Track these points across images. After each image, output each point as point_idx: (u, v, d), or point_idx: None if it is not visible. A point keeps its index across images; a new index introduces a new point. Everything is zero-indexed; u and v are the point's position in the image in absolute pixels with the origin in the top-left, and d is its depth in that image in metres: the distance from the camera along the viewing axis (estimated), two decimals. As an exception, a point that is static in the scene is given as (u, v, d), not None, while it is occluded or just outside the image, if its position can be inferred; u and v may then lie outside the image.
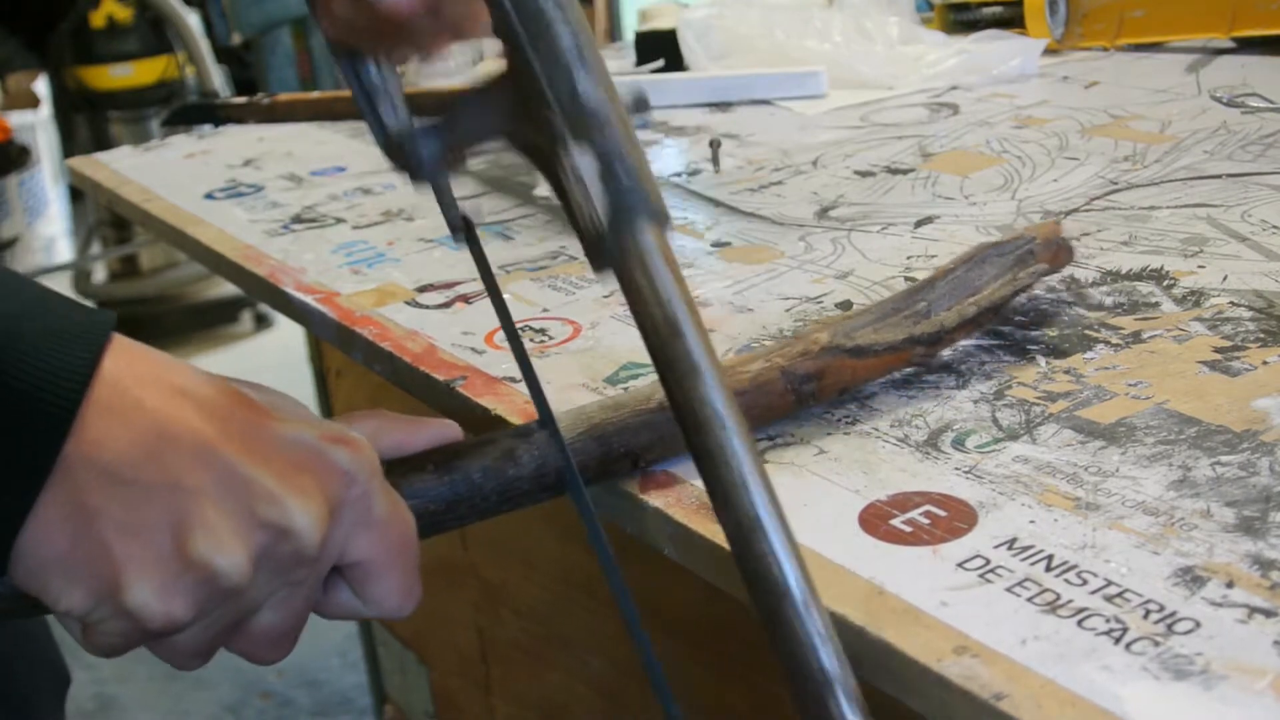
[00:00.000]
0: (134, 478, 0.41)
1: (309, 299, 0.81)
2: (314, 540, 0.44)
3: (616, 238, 0.45)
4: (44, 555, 0.41)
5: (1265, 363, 0.61)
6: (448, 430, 0.52)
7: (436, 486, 0.50)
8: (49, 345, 0.41)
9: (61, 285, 3.41)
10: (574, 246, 0.87)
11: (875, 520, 0.52)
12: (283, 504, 0.43)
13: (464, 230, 0.57)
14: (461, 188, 0.55)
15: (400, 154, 0.55)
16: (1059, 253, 0.69)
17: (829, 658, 0.39)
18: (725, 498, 0.42)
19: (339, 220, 0.97)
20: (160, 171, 1.17)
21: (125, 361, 0.42)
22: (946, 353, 0.65)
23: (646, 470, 0.57)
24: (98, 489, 0.41)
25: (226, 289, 3.21)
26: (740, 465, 0.42)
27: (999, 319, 0.67)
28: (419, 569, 0.48)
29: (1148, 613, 0.44)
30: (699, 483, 0.55)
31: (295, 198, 1.04)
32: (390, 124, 0.56)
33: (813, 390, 0.59)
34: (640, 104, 0.88)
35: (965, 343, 0.66)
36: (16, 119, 3.61)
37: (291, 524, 0.43)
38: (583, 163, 0.45)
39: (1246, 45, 1.25)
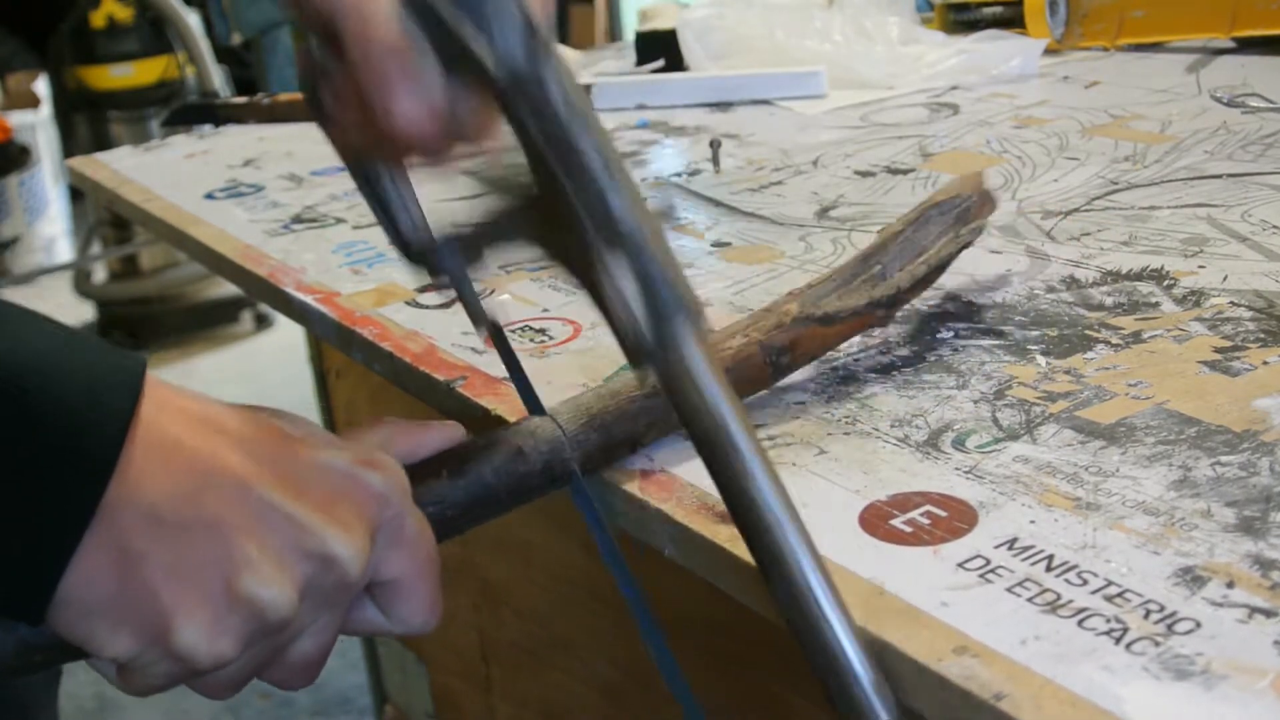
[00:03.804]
0: (176, 519, 0.41)
1: (309, 299, 0.81)
2: (357, 568, 0.44)
3: (663, 352, 0.46)
4: (89, 601, 0.40)
5: (1265, 363, 0.61)
6: (453, 431, 0.52)
7: (452, 492, 0.50)
8: (86, 387, 0.40)
9: (61, 285, 3.42)
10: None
11: (875, 520, 0.52)
12: (324, 535, 0.43)
13: (493, 334, 0.58)
14: (456, 188, 0.54)
15: (422, 261, 0.56)
16: (983, 205, 0.71)
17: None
18: (790, 599, 0.45)
19: (339, 220, 0.97)
20: (160, 171, 1.17)
21: (160, 401, 0.42)
22: (945, 351, 0.65)
23: (643, 456, 0.57)
24: (141, 531, 0.40)
25: (226, 289, 3.21)
26: (802, 566, 0.45)
27: (967, 310, 0.67)
28: (441, 583, 0.48)
29: (1148, 613, 0.44)
30: (699, 483, 0.55)
31: (295, 198, 1.04)
32: (410, 236, 0.56)
33: (788, 361, 0.61)
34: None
35: (965, 342, 0.66)
36: (16, 119, 3.62)
37: (334, 554, 0.43)
38: (624, 284, 0.46)
39: (1246, 45, 1.25)
